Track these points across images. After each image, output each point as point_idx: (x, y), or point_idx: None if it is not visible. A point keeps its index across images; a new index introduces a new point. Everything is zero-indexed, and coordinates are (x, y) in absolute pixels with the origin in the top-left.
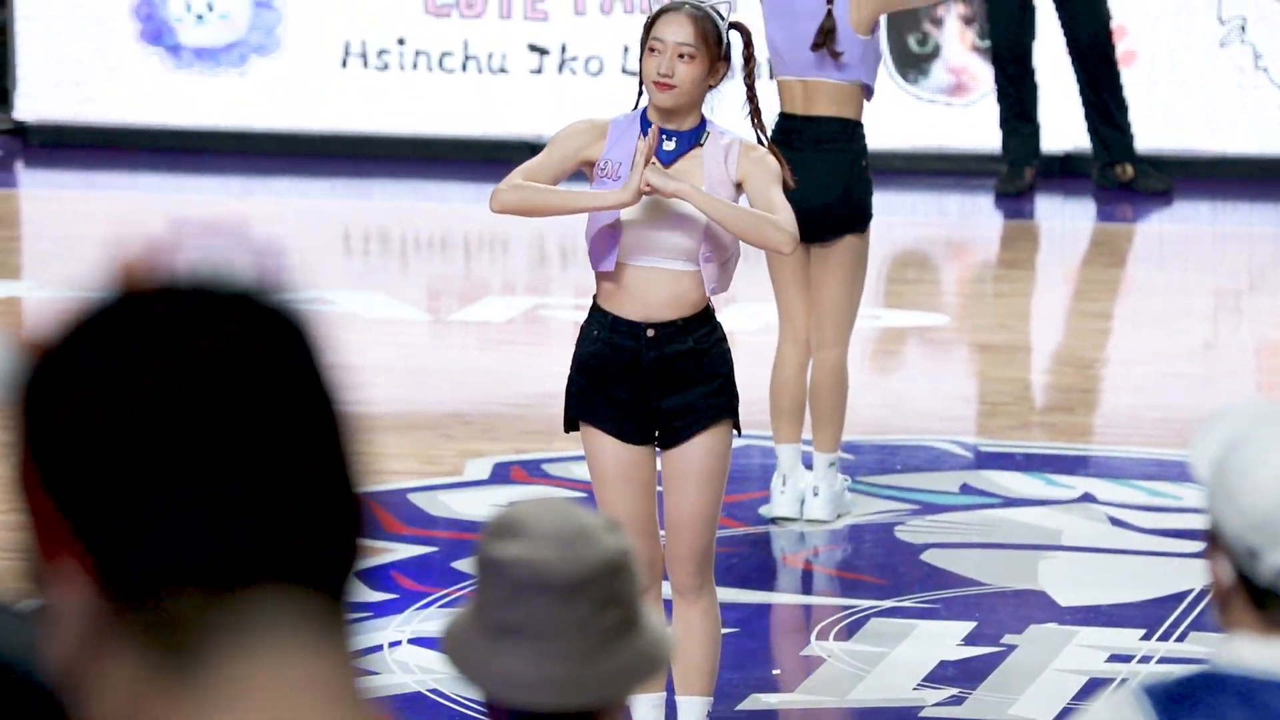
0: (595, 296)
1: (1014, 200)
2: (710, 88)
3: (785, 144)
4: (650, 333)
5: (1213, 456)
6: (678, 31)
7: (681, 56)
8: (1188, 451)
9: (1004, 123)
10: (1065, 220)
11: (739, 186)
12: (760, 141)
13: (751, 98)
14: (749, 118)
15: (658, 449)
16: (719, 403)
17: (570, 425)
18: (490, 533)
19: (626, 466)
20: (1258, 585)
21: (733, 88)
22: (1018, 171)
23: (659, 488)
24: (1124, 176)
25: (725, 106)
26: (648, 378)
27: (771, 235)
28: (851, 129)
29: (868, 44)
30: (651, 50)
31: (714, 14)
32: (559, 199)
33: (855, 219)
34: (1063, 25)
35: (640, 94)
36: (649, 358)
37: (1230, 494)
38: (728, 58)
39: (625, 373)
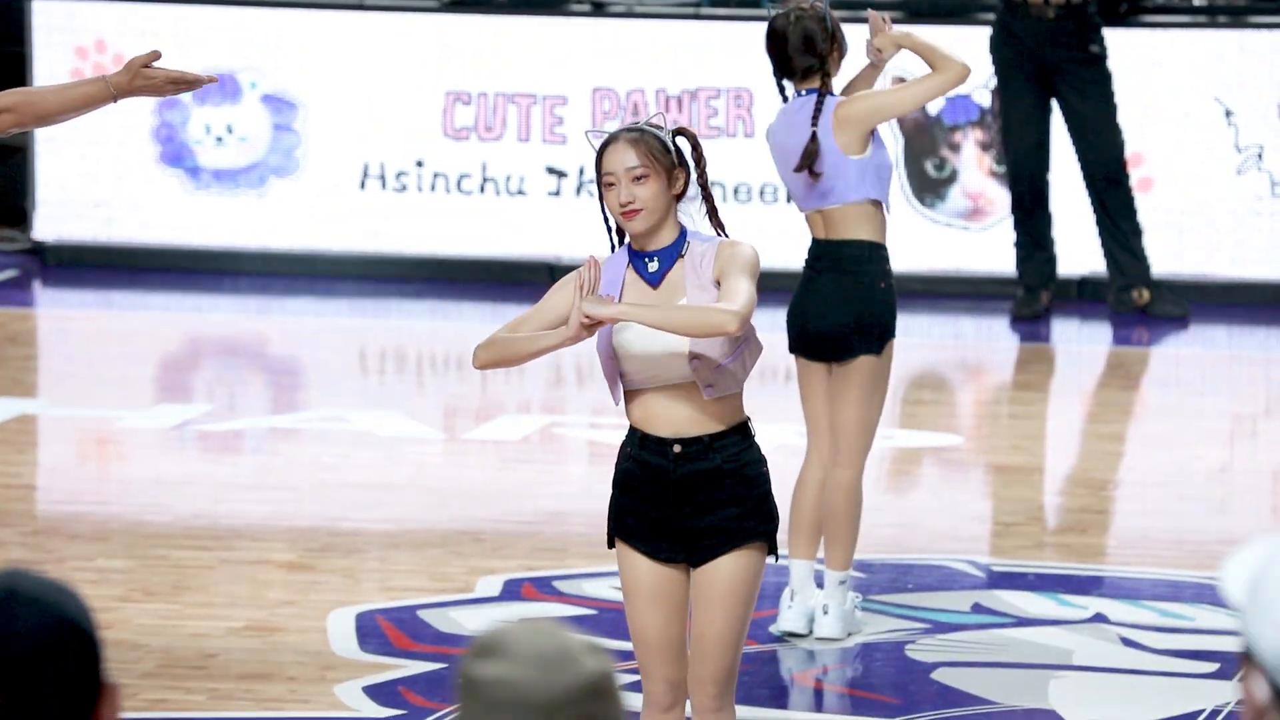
0: (629, 418)
1: (1029, 324)
2: (677, 198)
3: (810, 267)
4: (677, 449)
5: (1247, 576)
6: (623, 159)
7: (637, 180)
8: (1220, 574)
9: (1019, 248)
10: (1080, 344)
11: (719, 284)
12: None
13: (707, 197)
14: (707, 216)
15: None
16: (749, 525)
17: (611, 542)
18: (472, 652)
19: (658, 586)
20: None
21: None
22: (1033, 296)
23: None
24: (1140, 301)
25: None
26: (677, 495)
27: (713, 320)
28: (872, 250)
29: (864, 162)
30: (609, 185)
31: (651, 129)
32: (526, 345)
33: (871, 339)
34: (1078, 153)
35: (614, 235)
36: (677, 475)
37: (1266, 610)
38: (684, 163)
39: (655, 490)
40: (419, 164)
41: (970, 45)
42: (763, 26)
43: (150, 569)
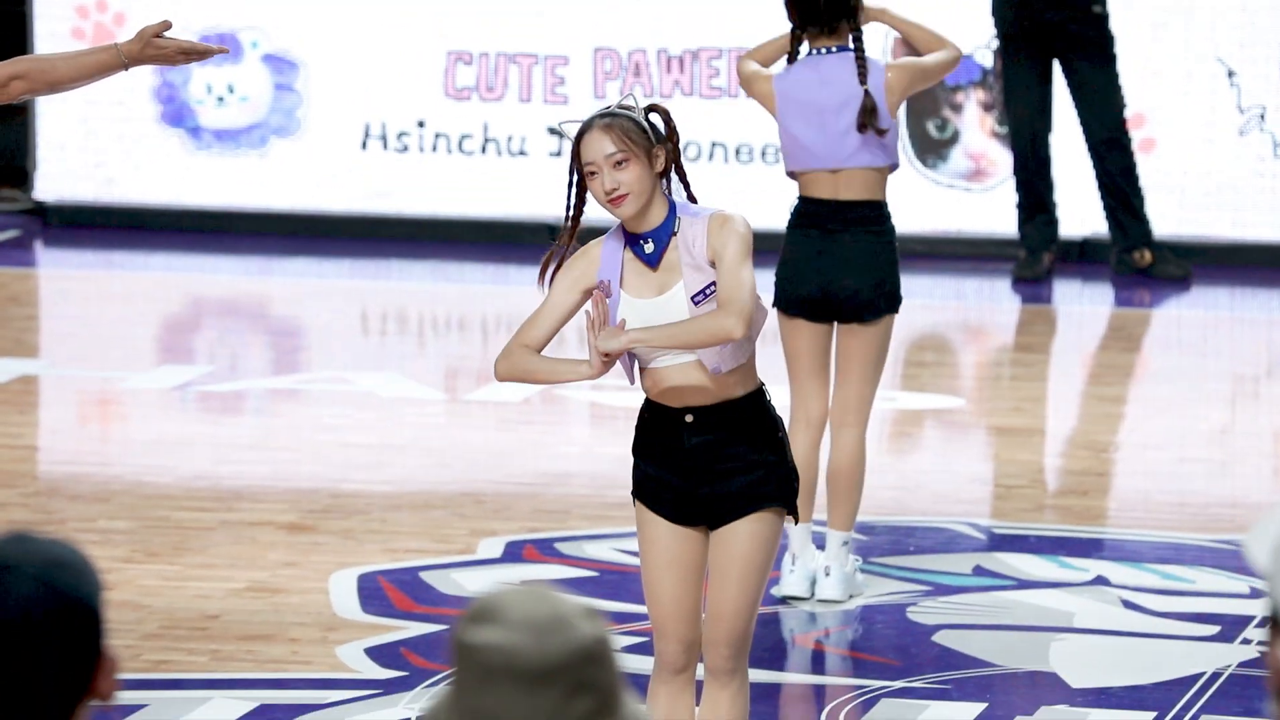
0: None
1: (1031, 285)
2: (662, 176)
3: (816, 227)
4: (689, 419)
5: (1272, 542)
6: (601, 146)
7: (618, 165)
8: (1244, 540)
9: (1021, 209)
10: (1082, 305)
11: (713, 264)
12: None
13: (679, 171)
14: (682, 187)
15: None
16: (765, 490)
17: (635, 497)
18: (467, 617)
19: (675, 549)
20: None
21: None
22: (1036, 258)
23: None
24: (1142, 262)
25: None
26: (692, 465)
27: (719, 331)
28: (884, 211)
29: (895, 126)
30: (591, 175)
31: (623, 111)
32: (545, 373)
33: (893, 298)
34: (1079, 115)
35: (569, 225)
36: (690, 445)
37: None
38: (661, 139)
39: (671, 459)
40: (420, 124)
41: (970, 6)
42: None
43: (152, 530)
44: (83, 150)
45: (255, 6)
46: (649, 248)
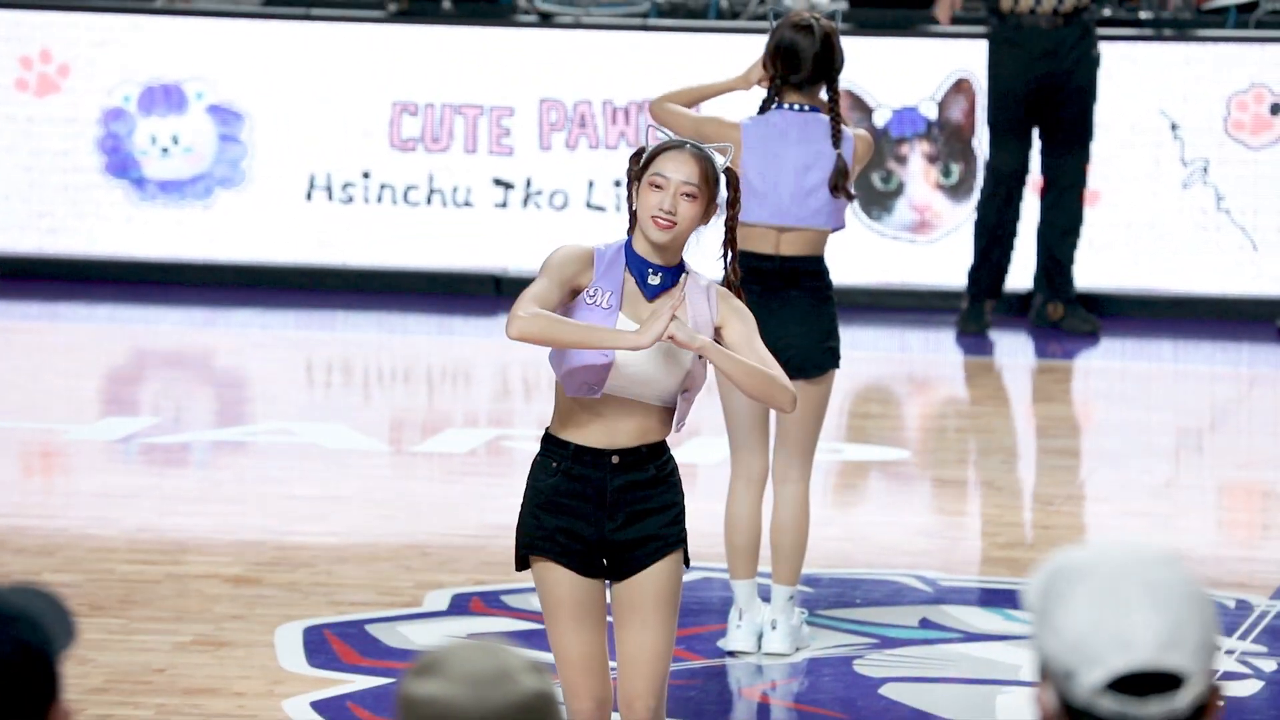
0: (550, 429)
1: (976, 337)
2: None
3: (758, 283)
4: (615, 460)
5: (1038, 588)
6: (682, 170)
7: (686, 195)
8: (1024, 586)
9: (981, 258)
10: (1028, 358)
11: (718, 330)
12: (731, 286)
13: (732, 242)
14: (725, 261)
15: (608, 583)
16: (674, 531)
17: (521, 564)
18: (413, 670)
19: (582, 602)
20: (1074, 706)
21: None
22: (978, 308)
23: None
24: (1054, 315)
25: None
26: (609, 507)
27: (779, 395)
28: (823, 268)
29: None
30: (655, 186)
31: (712, 156)
32: (578, 334)
33: (834, 355)
34: (1045, 163)
35: (631, 227)
36: (613, 485)
37: (1049, 621)
38: (719, 202)
39: (585, 503)
40: (365, 175)
41: (915, 58)
42: (711, 37)
43: (96, 583)
44: (26, 201)
45: (200, 57)
46: (655, 280)
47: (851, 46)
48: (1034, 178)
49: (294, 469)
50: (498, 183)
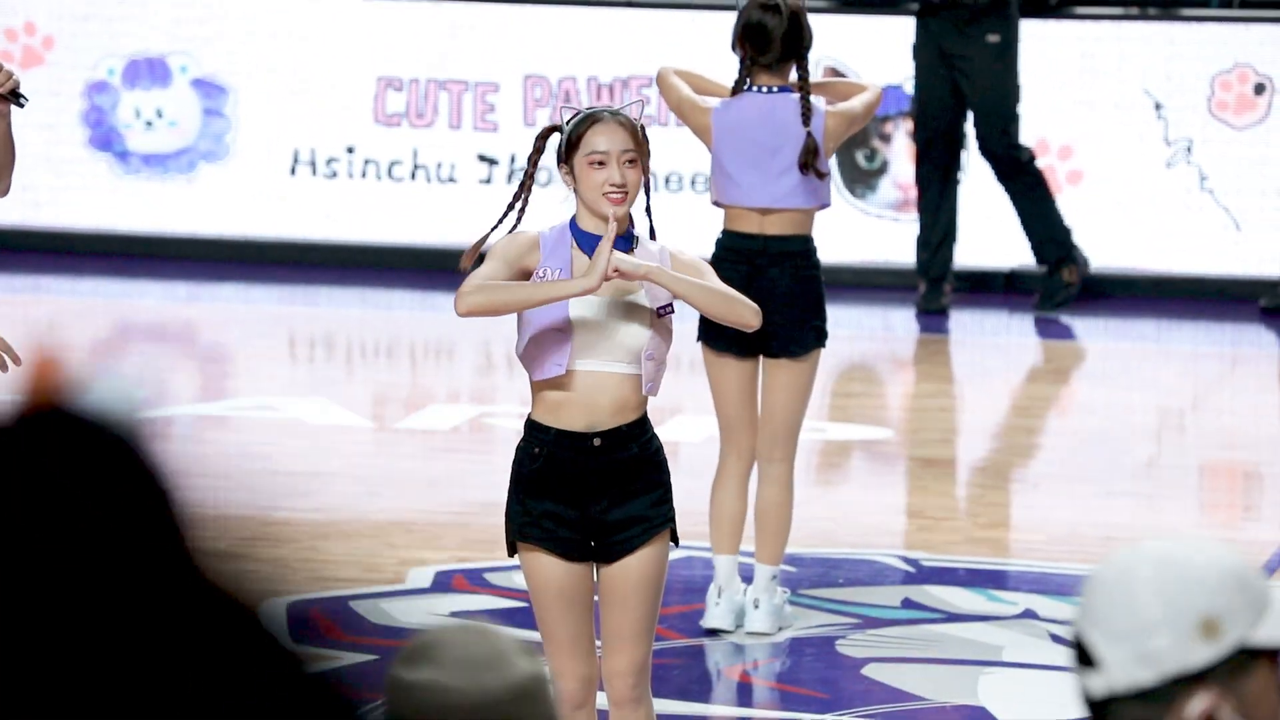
0: (531, 414)
1: (960, 315)
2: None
3: (745, 262)
4: (596, 442)
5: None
6: (617, 140)
7: (629, 163)
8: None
9: (923, 242)
10: (1010, 337)
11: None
12: (652, 236)
13: (647, 191)
14: (646, 213)
15: (595, 564)
16: (662, 511)
17: (513, 549)
18: (403, 656)
19: (568, 585)
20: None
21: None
22: (937, 289)
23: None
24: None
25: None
26: (594, 490)
27: (741, 310)
28: (810, 247)
29: (829, 167)
30: (597, 164)
31: (638, 120)
32: (524, 292)
33: (819, 334)
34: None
35: (518, 214)
36: (595, 468)
37: (1098, 614)
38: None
39: (570, 488)
40: (350, 150)
41: (898, 36)
42: (694, 14)
43: None
44: None
45: (185, 31)
46: None
47: (834, 24)
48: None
49: (277, 444)
50: (482, 159)
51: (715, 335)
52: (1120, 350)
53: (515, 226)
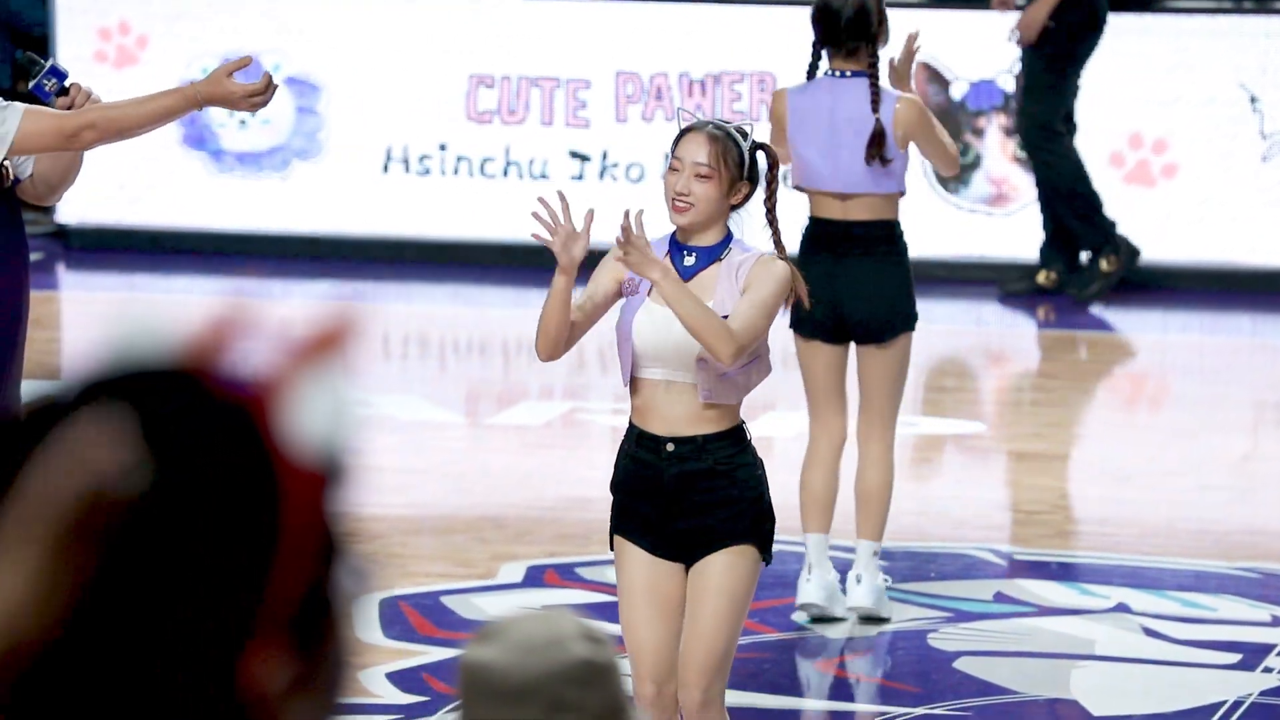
0: (630, 412)
1: (1053, 310)
2: (733, 207)
3: (828, 249)
4: (670, 447)
5: None
6: (696, 151)
7: (699, 176)
8: None
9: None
10: (1105, 331)
11: (743, 295)
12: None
13: (772, 220)
14: (771, 234)
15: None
16: (739, 527)
17: (613, 541)
18: (475, 637)
19: (652, 582)
20: None
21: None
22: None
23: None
24: (1048, 283)
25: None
26: (670, 495)
27: (716, 341)
28: (895, 232)
29: (904, 156)
30: (673, 170)
31: (736, 134)
32: (548, 305)
33: (907, 319)
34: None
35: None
36: (670, 474)
37: None
38: (751, 178)
39: (649, 489)
40: (442, 148)
41: (991, 31)
42: (786, 10)
43: None
44: (105, 173)
45: (277, 30)
46: (689, 260)
47: (928, 19)
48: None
49: (369, 440)
50: (574, 155)
51: (801, 322)
52: (1215, 344)
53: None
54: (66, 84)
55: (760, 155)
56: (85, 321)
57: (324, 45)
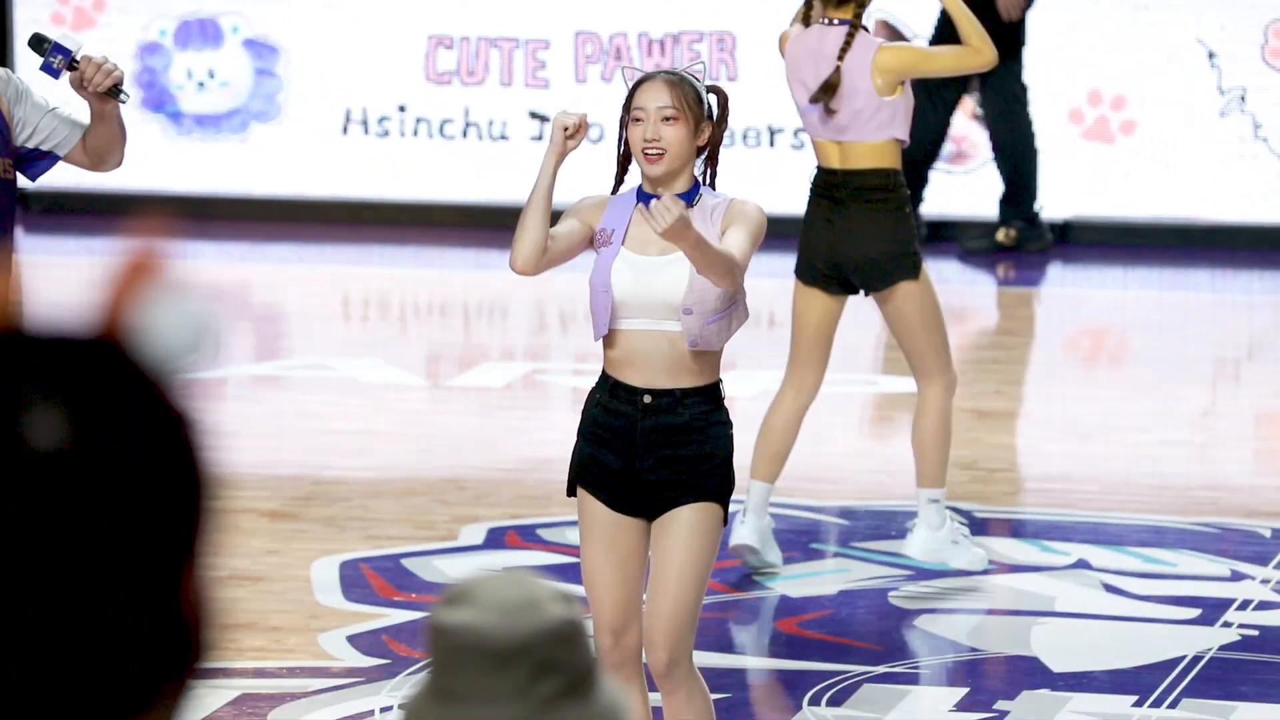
0: (604, 363)
1: (1013, 268)
2: (699, 150)
3: (828, 197)
4: (647, 399)
5: None
6: (657, 97)
7: (666, 120)
8: None
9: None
10: (1063, 288)
11: (723, 236)
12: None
13: (713, 157)
14: (704, 178)
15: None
16: (708, 485)
17: (571, 489)
18: (443, 600)
19: (612, 533)
20: None
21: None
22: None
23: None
24: (1008, 240)
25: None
26: (639, 446)
27: (729, 265)
28: (891, 180)
29: (896, 103)
30: (636, 120)
31: (690, 78)
32: (530, 204)
33: (907, 265)
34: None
35: (619, 177)
36: (644, 425)
37: None
38: (712, 118)
39: (618, 439)
40: (401, 109)
41: None
42: None
43: None
44: None
45: None
46: None
47: None
48: (1060, 112)
49: (330, 404)
50: (533, 116)
51: (806, 268)
52: (1174, 299)
53: (615, 190)
54: (77, 58)
55: (713, 97)
56: (44, 285)
57: (282, 7)
